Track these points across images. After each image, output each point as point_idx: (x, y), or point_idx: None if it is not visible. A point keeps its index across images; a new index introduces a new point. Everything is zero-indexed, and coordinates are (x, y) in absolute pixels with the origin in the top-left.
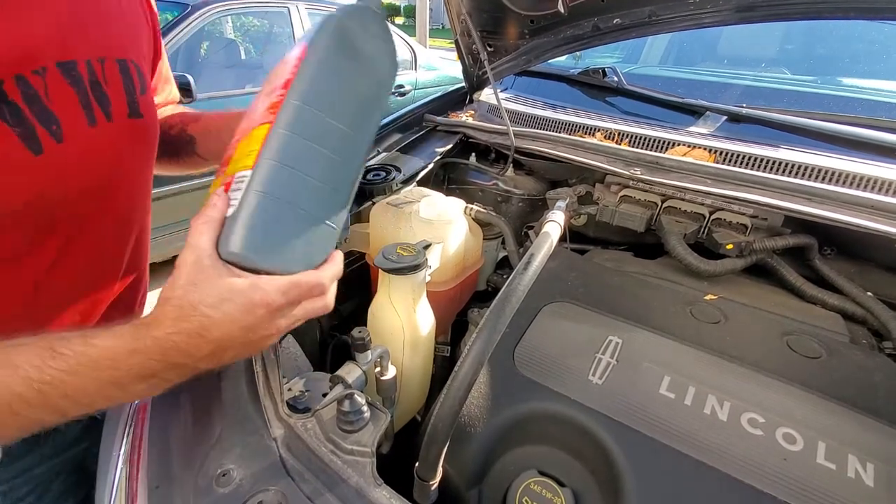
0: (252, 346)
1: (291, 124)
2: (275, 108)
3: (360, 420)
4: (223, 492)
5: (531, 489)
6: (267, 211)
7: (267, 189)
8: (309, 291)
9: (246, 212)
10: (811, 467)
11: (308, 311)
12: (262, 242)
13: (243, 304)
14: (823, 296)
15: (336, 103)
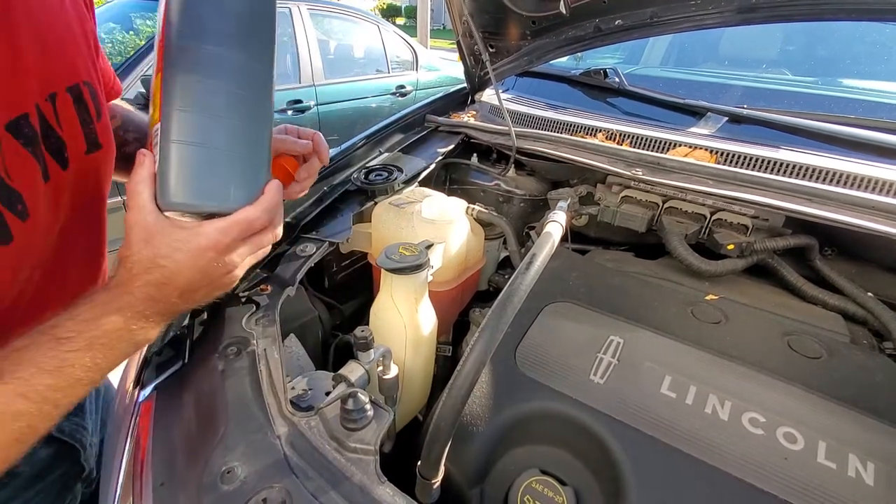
0: (216, 284)
1: (176, 65)
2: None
3: (364, 418)
4: (227, 489)
5: (533, 488)
6: (185, 157)
7: (177, 137)
8: (249, 226)
9: (167, 163)
10: (812, 466)
11: (258, 244)
12: (192, 187)
13: (191, 250)
14: (824, 296)
15: (214, 31)
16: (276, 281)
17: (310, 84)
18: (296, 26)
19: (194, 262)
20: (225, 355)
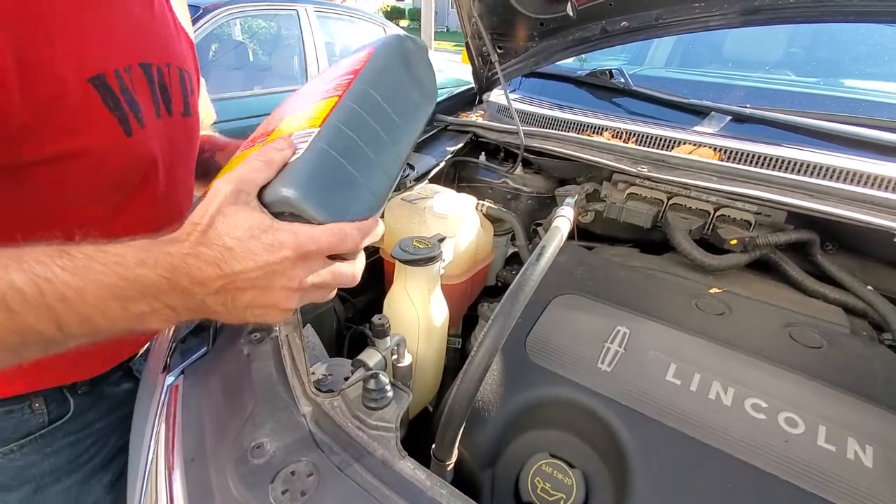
0: (267, 293)
1: (358, 100)
2: (342, 88)
3: (384, 398)
4: (258, 462)
5: (543, 470)
6: (326, 164)
7: (331, 146)
8: (341, 242)
9: (307, 161)
10: (812, 449)
11: (335, 276)
12: (316, 192)
13: (270, 242)
14: (825, 290)
15: (392, 95)
16: None
17: None
18: (303, 28)
19: (265, 254)
20: (249, 341)
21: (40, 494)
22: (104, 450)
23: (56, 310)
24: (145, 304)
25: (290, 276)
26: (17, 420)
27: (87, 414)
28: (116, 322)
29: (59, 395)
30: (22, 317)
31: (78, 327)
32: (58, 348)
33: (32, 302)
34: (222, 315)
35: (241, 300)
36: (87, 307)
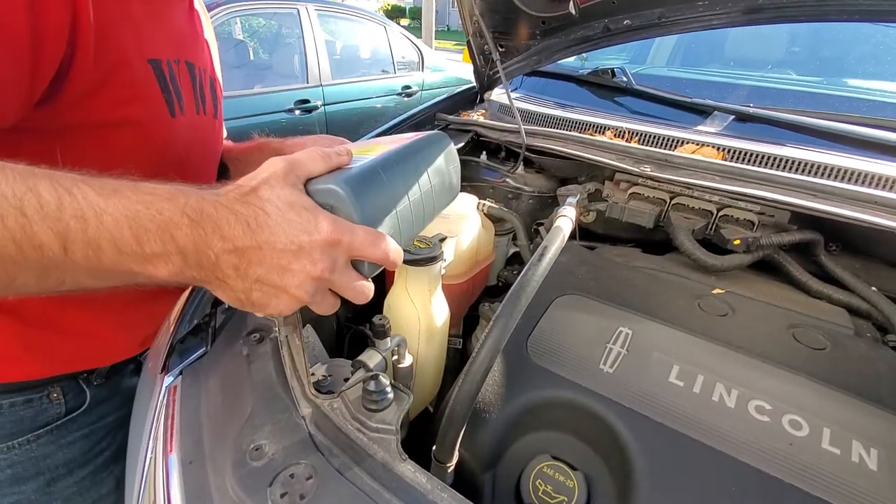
0: (283, 273)
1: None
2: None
3: (385, 400)
4: (256, 465)
5: (544, 472)
6: (373, 180)
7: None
8: (372, 245)
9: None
10: (816, 452)
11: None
12: (360, 196)
13: (307, 220)
14: (829, 291)
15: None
16: None
17: (317, 84)
18: (304, 27)
19: (297, 230)
20: (248, 341)
21: (53, 486)
22: (115, 443)
23: (69, 227)
24: (158, 243)
25: (314, 261)
26: (35, 409)
27: (101, 406)
28: (122, 259)
29: (75, 386)
30: (31, 225)
31: (82, 254)
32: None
33: (48, 213)
34: (227, 283)
35: (254, 271)
36: (101, 232)
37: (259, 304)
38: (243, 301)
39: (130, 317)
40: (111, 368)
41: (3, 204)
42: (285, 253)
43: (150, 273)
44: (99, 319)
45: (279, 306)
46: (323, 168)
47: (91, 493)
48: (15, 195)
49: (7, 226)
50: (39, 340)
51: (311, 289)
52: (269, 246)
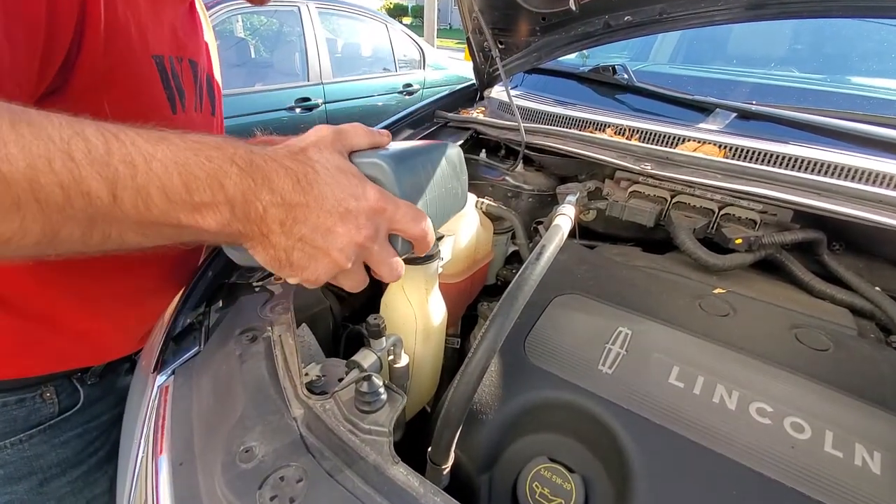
0: (327, 235)
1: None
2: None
3: (378, 401)
4: (246, 467)
5: (541, 475)
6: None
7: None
8: (414, 220)
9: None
10: (819, 455)
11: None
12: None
13: (355, 185)
14: (832, 291)
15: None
16: None
17: (318, 82)
18: (304, 25)
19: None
20: (241, 341)
21: (46, 486)
22: (109, 443)
23: (118, 173)
24: (207, 192)
25: (359, 226)
26: (28, 409)
27: (95, 405)
28: (171, 208)
29: (69, 385)
30: (79, 170)
31: (131, 202)
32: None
33: (96, 157)
34: (269, 239)
35: (299, 229)
36: (150, 178)
37: (298, 266)
38: (282, 261)
39: (125, 315)
40: (106, 367)
41: (51, 147)
42: (332, 214)
43: (198, 224)
44: (94, 317)
45: (317, 270)
46: (366, 143)
47: (85, 493)
48: (62, 139)
49: (54, 170)
50: (34, 337)
51: (353, 254)
52: (317, 204)
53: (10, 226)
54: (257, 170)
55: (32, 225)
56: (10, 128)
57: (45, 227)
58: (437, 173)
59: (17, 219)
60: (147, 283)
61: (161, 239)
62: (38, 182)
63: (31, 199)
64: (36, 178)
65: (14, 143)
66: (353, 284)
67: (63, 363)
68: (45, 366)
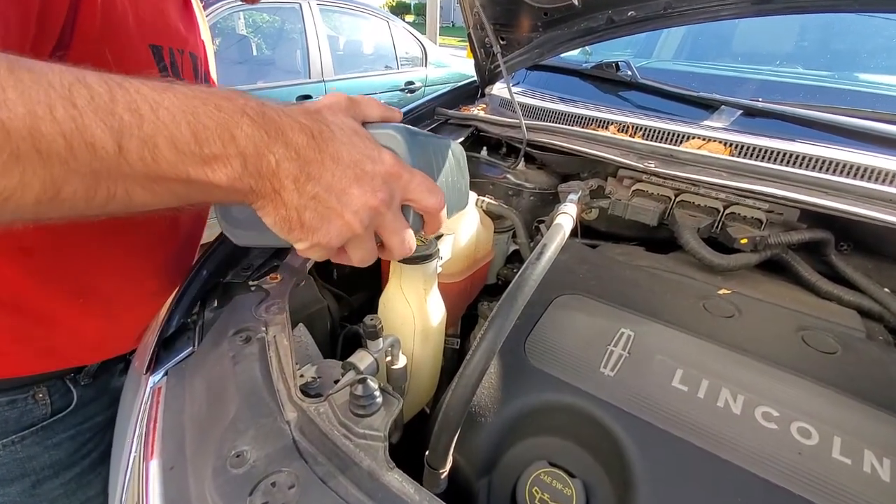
0: (341, 196)
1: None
2: None
3: (373, 405)
4: (237, 472)
5: (541, 480)
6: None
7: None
8: (429, 190)
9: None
10: (826, 462)
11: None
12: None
13: (371, 148)
14: (839, 292)
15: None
16: (286, 270)
17: (319, 80)
18: (306, 22)
19: (362, 155)
20: (235, 342)
21: (39, 489)
22: (103, 444)
23: (123, 121)
24: (218, 143)
25: (374, 189)
26: (20, 410)
27: (89, 406)
28: (180, 161)
29: (62, 386)
30: (82, 117)
31: (138, 153)
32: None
33: (100, 105)
34: (281, 196)
35: (312, 187)
36: (158, 128)
37: (309, 227)
38: (293, 222)
39: (120, 312)
40: (99, 368)
41: (52, 94)
42: (347, 174)
43: (208, 178)
44: (88, 313)
45: (329, 233)
46: (378, 115)
47: (78, 495)
48: (63, 85)
49: (56, 118)
50: (26, 334)
51: (367, 219)
52: (332, 162)
53: (10, 181)
54: (270, 122)
55: (33, 180)
56: (7, 73)
57: (46, 183)
58: (446, 164)
59: (16, 173)
60: (142, 280)
61: (169, 197)
62: (38, 131)
63: (31, 150)
64: (36, 127)
65: (13, 88)
66: (363, 256)
67: (57, 362)
68: (38, 364)
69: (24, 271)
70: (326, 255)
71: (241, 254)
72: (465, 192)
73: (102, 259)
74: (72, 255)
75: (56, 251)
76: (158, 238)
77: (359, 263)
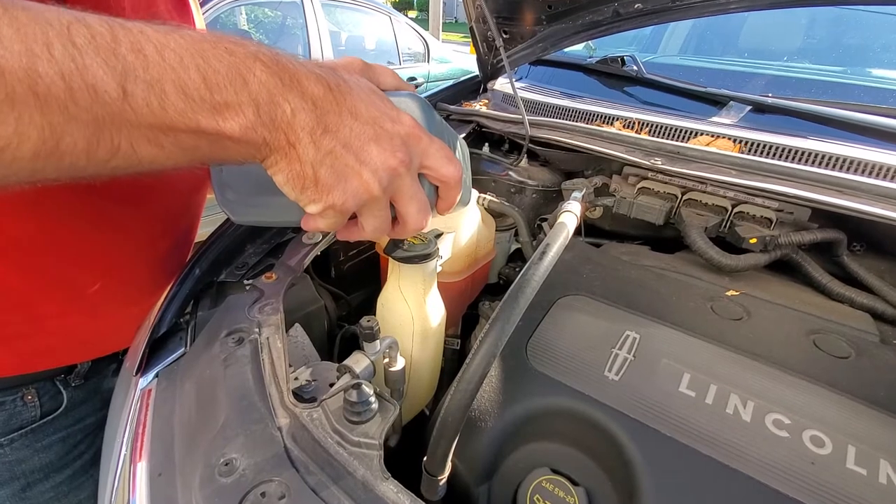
0: (359, 153)
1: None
2: None
3: (368, 411)
4: (225, 482)
5: (543, 487)
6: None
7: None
8: (447, 158)
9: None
10: (840, 472)
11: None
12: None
13: (390, 108)
14: (851, 294)
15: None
16: (282, 268)
17: None
18: (307, 17)
19: (381, 113)
20: (227, 343)
21: (29, 491)
22: (94, 446)
23: (127, 62)
24: (229, 89)
25: (394, 149)
26: (9, 412)
27: (79, 408)
28: (190, 108)
29: (52, 388)
30: (82, 57)
31: (143, 98)
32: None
33: (101, 44)
34: (296, 149)
35: (329, 141)
36: (164, 70)
37: (324, 184)
38: (307, 178)
39: (113, 309)
40: (90, 368)
41: (49, 32)
42: (366, 131)
43: (220, 128)
44: (79, 310)
45: (345, 192)
46: (392, 84)
47: (69, 497)
48: (62, 23)
49: (54, 56)
50: (14, 331)
51: (386, 179)
52: (351, 117)
53: (5, 129)
54: (284, 69)
55: (30, 129)
56: (2, 10)
57: (44, 133)
58: (457, 152)
59: (11, 119)
60: (134, 278)
61: (178, 152)
62: (35, 71)
63: (28, 93)
64: (33, 66)
65: (7, 25)
66: (377, 225)
67: (45, 361)
68: (26, 364)
69: (10, 269)
70: (338, 222)
71: (235, 252)
72: (469, 188)
73: (92, 257)
74: (60, 252)
75: (44, 248)
76: (151, 236)
77: (371, 234)
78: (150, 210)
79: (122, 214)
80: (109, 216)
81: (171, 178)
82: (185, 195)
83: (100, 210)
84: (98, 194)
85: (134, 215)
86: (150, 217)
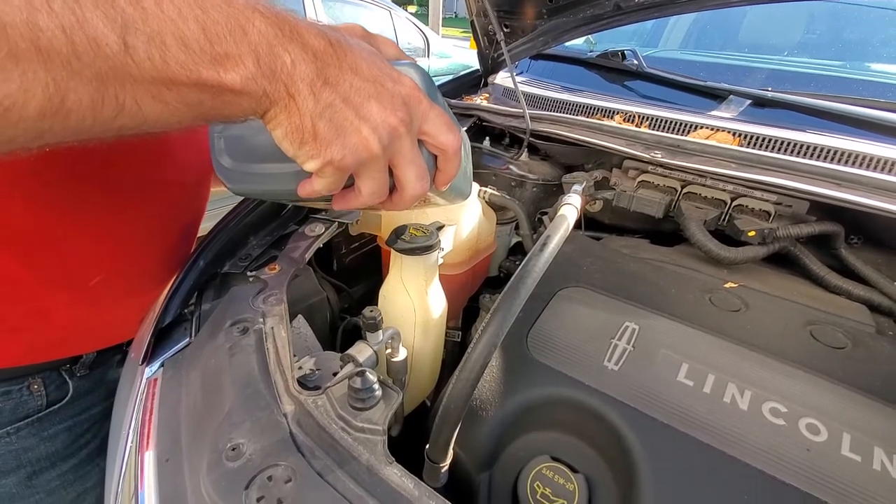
0: (359, 108)
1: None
2: None
3: (372, 398)
4: (232, 466)
5: (543, 474)
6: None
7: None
8: (448, 125)
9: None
10: (835, 459)
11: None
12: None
13: (391, 69)
14: (849, 286)
15: None
16: (285, 260)
17: None
18: (307, 11)
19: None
20: (232, 333)
21: (35, 479)
22: (100, 435)
23: (126, 14)
24: (229, 39)
25: (394, 107)
26: (15, 401)
27: (85, 398)
28: (191, 60)
29: (57, 377)
30: (81, 10)
31: (145, 52)
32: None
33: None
34: (296, 101)
35: (329, 94)
36: (164, 22)
37: (322, 138)
38: (306, 131)
39: (118, 301)
40: (96, 359)
41: None
42: (367, 87)
43: (221, 79)
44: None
45: (344, 147)
46: (393, 54)
47: (75, 486)
48: None
49: (54, 9)
50: (20, 324)
51: (385, 137)
52: (351, 71)
53: (10, 86)
54: (284, 21)
55: (34, 85)
56: None
57: (49, 90)
58: None
59: (16, 75)
60: (138, 270)
61: (182, 108)
62: (36, 24)
63: (30, 48)
64: (34, 20)
65: None
66: (374, 188)
67: (51, 352)
68: (32, 355)
69: (15, 261)
70: (336, 182)
71: (238, 244)
72: (470, 179)
73: (98, 249)
74: (65, 244)
75: (48, 240)
76: (156, 229)
77: (369, 198)
78: (155, 203)
79: (128, 207)
80: (115, 209)
81: (175, 172)
82: (190, 188)
83: (105, 203)
84: (104, 186)
85: (139, 208)
86: (155, 210)
